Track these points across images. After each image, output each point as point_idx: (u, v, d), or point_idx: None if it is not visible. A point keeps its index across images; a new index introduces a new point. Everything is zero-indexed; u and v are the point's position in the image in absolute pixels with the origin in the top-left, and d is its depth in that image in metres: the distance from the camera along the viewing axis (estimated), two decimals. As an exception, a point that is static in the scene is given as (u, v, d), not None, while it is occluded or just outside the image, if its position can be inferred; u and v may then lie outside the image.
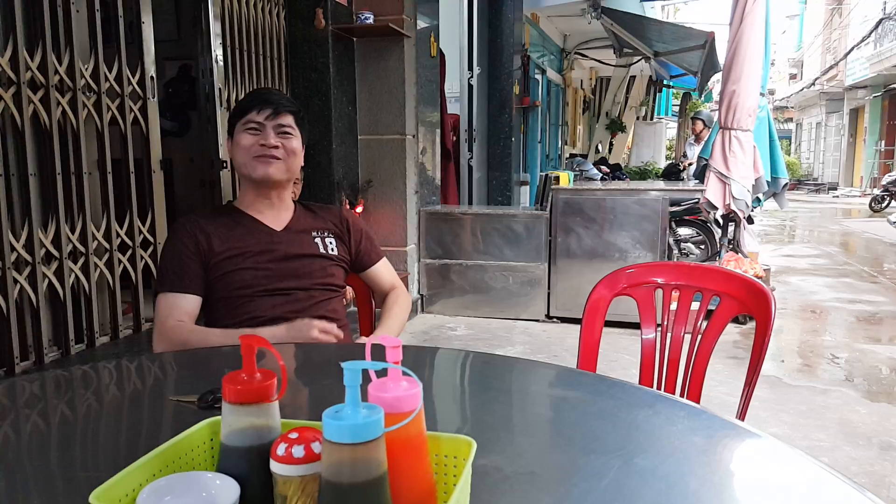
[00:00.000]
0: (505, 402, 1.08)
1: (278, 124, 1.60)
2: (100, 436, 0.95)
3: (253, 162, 1.60)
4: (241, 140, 1.60)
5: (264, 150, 1.58)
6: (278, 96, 1.64)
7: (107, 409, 1.07)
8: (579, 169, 9.87)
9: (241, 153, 1.60)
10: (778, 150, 4.87)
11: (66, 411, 1.06)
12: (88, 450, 0.91)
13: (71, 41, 2.75)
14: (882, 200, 14.85)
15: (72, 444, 0.92)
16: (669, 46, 9.96)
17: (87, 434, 0.96)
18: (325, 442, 0.54)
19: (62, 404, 1.08)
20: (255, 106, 1.59)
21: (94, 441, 0.93)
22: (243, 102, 1.64)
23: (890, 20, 17.53)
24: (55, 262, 2.73)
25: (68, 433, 0.96)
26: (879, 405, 3.16)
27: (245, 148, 1.59)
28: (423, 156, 4.96)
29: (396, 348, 0.61)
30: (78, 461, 0.87)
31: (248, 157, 1.60)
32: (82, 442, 0.93)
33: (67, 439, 0.94)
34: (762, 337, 1.45)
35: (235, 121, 1.63)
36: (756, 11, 4.21)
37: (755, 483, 0.81)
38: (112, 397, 1.13)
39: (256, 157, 1.59)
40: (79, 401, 1.11)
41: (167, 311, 1.53)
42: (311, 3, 4.12)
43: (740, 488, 0.80)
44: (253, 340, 0.64)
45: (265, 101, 1.60)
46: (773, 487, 0.79)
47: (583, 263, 4.59)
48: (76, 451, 0.90)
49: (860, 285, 6.20)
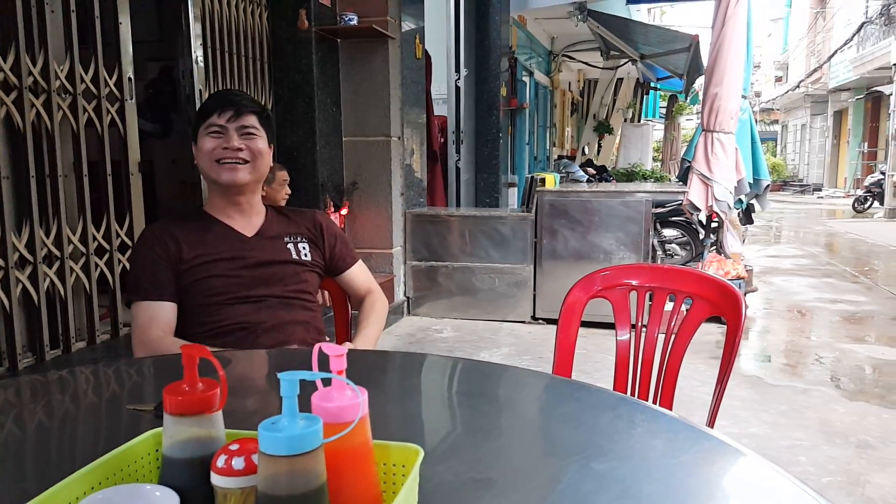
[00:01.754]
0: (467, 406, 1.07)
1: (241, 126, 1.56)
2: (53, 446, 0.93)
3: (217, 167, 1.56)
4: (204, 144, 1.56)
5: (227, 153, 1.55)
6: (240, 97, 1.60)
7: (60, 418, 1.05)
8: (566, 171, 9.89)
9: (205, 158, 1.57)
10: (760, 153, 4.90)
11: (20, 420, 1.03)
12: (39, 460, 0.89)
13: (45, 42, 2.72)
14: (865, 201, 14.99)
15: (21, 453, 0.90)
16: (655, 49, 10.02)
17: (38, 443, 0.94)
18: (260, 454, 0.53)
19: (12, 413, 1.06)
20: (217, 108, 1.56)
21: (43, 451, 0.91)
22: (204, 105, 1.60)
23: (872, 24, 17.68)
24: (29, 267, 2.70)
25: (18, 442, 0.94)
26: (858, 404, 3.18)
27: (208, 152, 1.56)
28: (410, 157, 4.95)
29: (340, 357, 0.60)
30: (29, 471, 0.85)
31: (211, 161, 1.56)
32: (32, 452, 0.91)
33: (17, 449, 0.92)
34: (733, 338, 1.46)
35: (198, 124, 1.59)
36: (738, 15, 4.23)
37: (710, 486, 0.81)
38: (68, 406, 1.11)
39: (220, 162, 1.56)
40: (29, 409, 1.09)
41: (146, 320, 1.51)
42: (294, 4, 4.10)
43: (696, 492, 0.79)
44: (194, 350, 0.63)
45: (226, 103, 1.56)
46: (729, 490, 0.79)
47: (568, 265, 4.59)
48: (25, 462, 0.88)
49: (842, 285, 6.24)
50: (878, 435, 2.81)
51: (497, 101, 7.96)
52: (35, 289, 2.71)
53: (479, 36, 7.91)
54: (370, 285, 1.84)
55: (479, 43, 7.91)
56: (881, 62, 16.35)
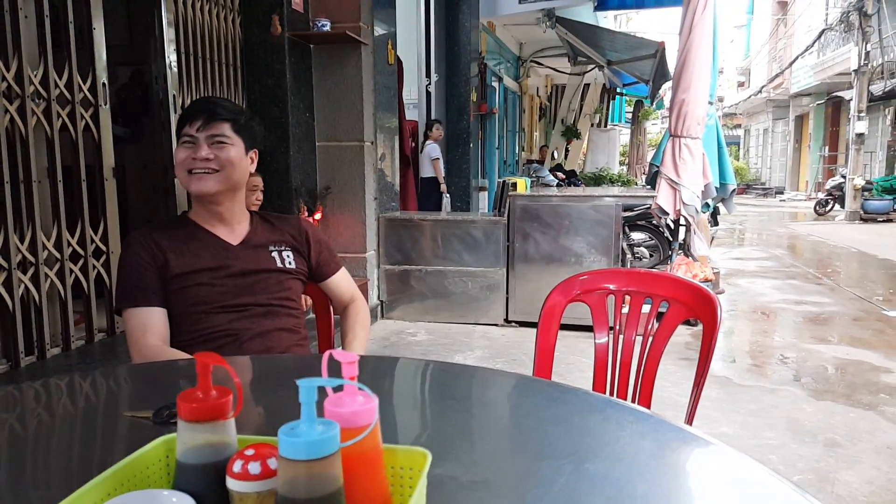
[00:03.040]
0: (461, 410, 1.10)
1: (210, 135, 1.56)
2: (52, 453, 0.94)
3: (188, 177, 1.57)
4: (178, 155, 1.57)
5: (197, 163, 1.55)
6: (214, 105, 1.59)
7: (59, 426, 1.05)
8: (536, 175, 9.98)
9: (178, 169, 1.58)
10: (726, 157, 5.02)
11: (17, 428, 1.04)
12: (40, 468, 0.90)
13: (19, 47, 2.68)
14: (826, 204, 15.40)
15: (22, 462, 0.91)
16: (622, 55, 10.18)
17: (39, 451, 0.95)
18: (280, 459, 0.55)
19: (12, 420, 1.06)
20: (189, 118, 1.56)
21: (46, 459, 0.92)
22: (182, 115, 1.61)
23: (832, 30, 18.18)
24: (3, 273, 2.66)
25: (19, 451, 0.95)
26: (825, 403, 3.27)
27: (180, 162, 1.56)
28: (382, 162, 4.96)
29: (352, 364, 0.63)
30: (29, 480, 0.86)
31: (184, 172, 1.57)
32: (33, 460, 0.92)
33: (18, 457, 0.92)
34: (709, 340, 1.51)
35: (178, 134, 1.60)
36: (704, 22, 4.33)
37: (702, 486, 0.84)
38: (65, 413, 1.12)
39: (191, 172, 1.56)
40: (29, 417, 1.09)
41: (140, 328, 1.51)
42: (267, 10, 4.09)
43: (687, 491, 0.83)
44: (208, 358, 0.65)
45: (197, 112, 1.56)
46: (719, 490, 0.82)
47: (540, 268, 4.65)
48: (27, 470, 0.89)
49: (806, 287, 6.41)
50: (844, 433, 2.91)
51: (467, 106, 8.03)
52: (10, 295, 2.67)
53: (449, 42, 7.97)
54: (353, 292, 1.86)
55: (449, 48, 7.98)
56: (841, 68, 16.81)
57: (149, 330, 1.50)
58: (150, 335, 1.50)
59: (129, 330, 1.52)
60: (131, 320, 1.52)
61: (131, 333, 1.52)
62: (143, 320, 1.51)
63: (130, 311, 1.52)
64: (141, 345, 1.49)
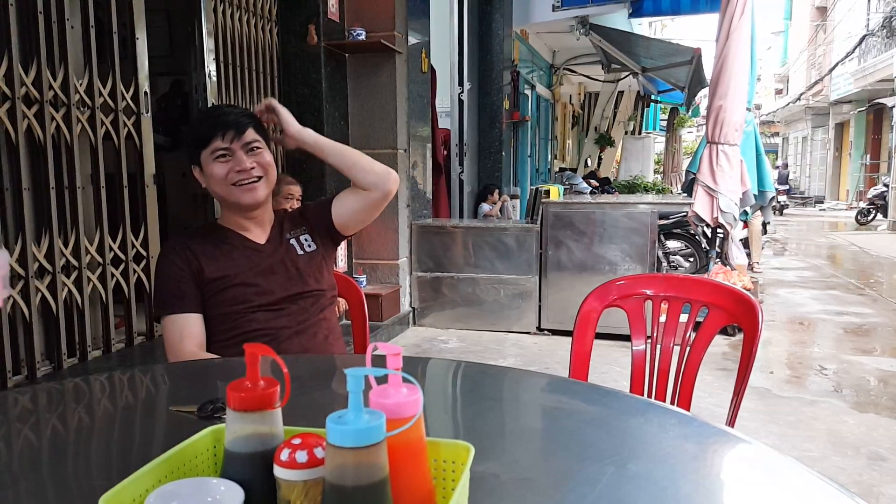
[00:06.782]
0: (499, 410, 1.10)
1: (245, 143, 1.57)
2: (106, 445, 0.97)
3: (235, 191, 1.58)
4: (215, 171, 1.57)
5: (241, 175, 1.57)
6: (234, 115, 1.59)
7: (108, 421, 1.08)
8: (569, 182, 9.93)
9: (219, 184, 1.58)
10: (765, 164, 4.93)
11: (67, 423, 1.07)
12: (93, 459, 0.93)
13: (66, 56, 2.77)
14: (868, 213, 15.02)
15: (77, 453, 0.94)
16: (657, 62, 10.08)
17: (92, 444, 0.98)
18: (328, 446, 0.56)
19: (55, 417, 1.09)
20: (217, 131, 1.55)
21: (99, 451, 0.95)
22: (201, 130, 1.59)
23: (874, 36, 17.81)
24: (48, 276, 2.73)
25: (72, 444, 0.98)
26: (867, 416, 3.19)
27: (221, 178, 1.57)
28: (415, 170, 4.99)
29: (397, 356, 0.63)
30: (84, 470, 0.89)
31: (226, 186, 1.58)
32: (86, 452, 0.95)
33: (73, 449, 0.95)
34: (750, 346, 1.48)
35: (199, 150, 1.58)
36: (742, 28, 4.28)
37: (746, 488, 0.83)
38: (112, 409, 1.15)
39: (237, 185, 1.58)
40: (74, 413, 1.12)
41: (177, 335, 1.54)
42: (303, 20, 4.16)
43: (732, 493, 0.82)
44: (257, 349, 0.66)
45: (225, 125, 1.56)
46: (764, 493, 0.81)
47: (573, 276, 4.62)
48: (82, 461, 0.92)
49: (847, 297, 6.26)
50: (888, 446, 2.82)
51: (499, 114, 8.03)
52: (53, 298, 2.74)
53: (482, 50, 8.00)
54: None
55: (481, 57, 8.00)
56: (883, 74, 16.45)
57: (186, 336, 1.54)
58: (186, 341, 1.53)
59: (167, 336, 1.56)
60: (169, 327, 1.56)
61: (169, 339, 1.55)
62: (180, 326, 1.55)
63: (168, 318, 1.56)
64: (178, 350, 1.53)
